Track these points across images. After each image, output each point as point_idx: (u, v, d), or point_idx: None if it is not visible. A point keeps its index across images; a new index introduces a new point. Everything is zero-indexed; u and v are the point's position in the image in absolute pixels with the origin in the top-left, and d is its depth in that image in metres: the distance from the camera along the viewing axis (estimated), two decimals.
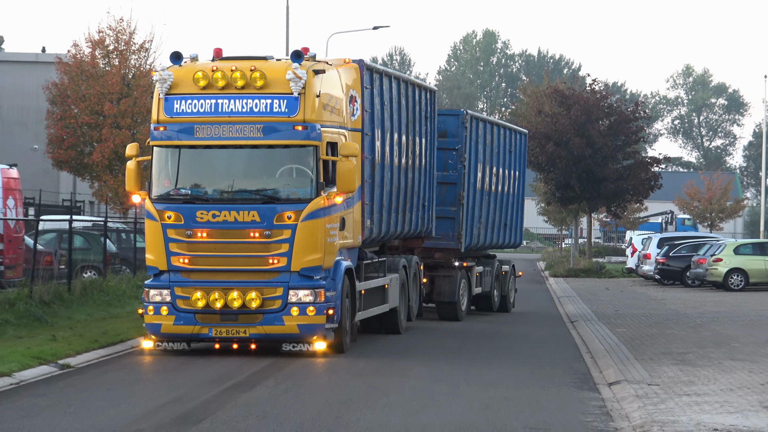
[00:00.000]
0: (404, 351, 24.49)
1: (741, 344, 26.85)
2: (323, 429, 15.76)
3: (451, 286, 31.30)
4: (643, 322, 33.11)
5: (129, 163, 22.21)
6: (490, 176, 34.15)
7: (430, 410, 17.34)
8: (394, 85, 26.94)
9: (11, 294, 28.76)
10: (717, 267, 50.50)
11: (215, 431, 15.43)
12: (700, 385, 19.89)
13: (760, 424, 15.79)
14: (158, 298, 21.78)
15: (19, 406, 17.31)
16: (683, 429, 15.49)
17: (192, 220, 21.59)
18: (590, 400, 18.94)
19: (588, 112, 64.75)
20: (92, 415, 16.52)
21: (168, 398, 17.85)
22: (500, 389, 19.83)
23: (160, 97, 21.91)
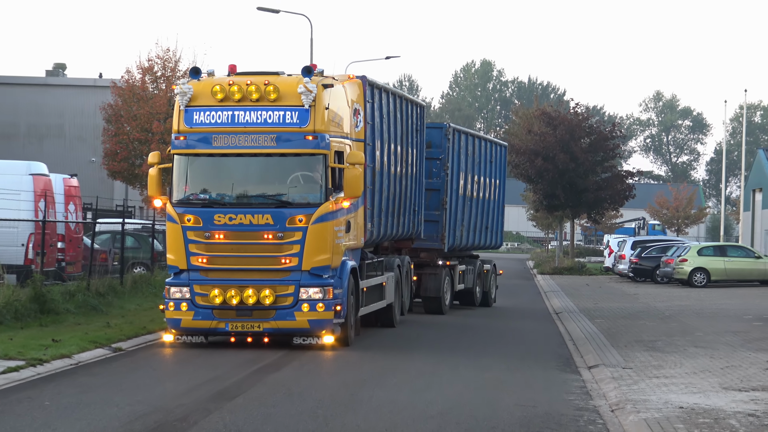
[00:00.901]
0: (404, 341, 24.19)
1: (704, 333, 26.81)
2: (341, 404, 15.79)
3: (436, 283, 30.82)
4: (619, 314, 33.07)
5: (151, 170, 21.63)
6: (472, 183, 33.54)
7: (434, 389, 17.36)
8: (391, 100, 26.42)
9: (72, 287, 28.79)
10: (683, 266, 50.57)
11: (247, 406, 15.44)
12: (668, 368, 19.87)
13: (720, 403, 15.77)
14: (178, 295, 21.12)
15: (77, 384, 17.35)
16: (653, 407, 15.48)
17: (210, 223, 20.96)
18: (572, 382, 18.94)
19: (571, 132, 64.84)
20: (141, 392, 16.53)
21: (206, 378, 17.88)
22: (494, 372, 19.85)
23: (181, 109, 21.26)
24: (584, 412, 15.66)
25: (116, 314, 26.13)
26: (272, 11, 47.89)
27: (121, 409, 15.07)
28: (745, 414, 14.88)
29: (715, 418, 14.54)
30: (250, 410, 15.13)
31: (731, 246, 56.97)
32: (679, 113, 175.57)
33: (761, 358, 21.50)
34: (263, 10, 47.84)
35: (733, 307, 36.16)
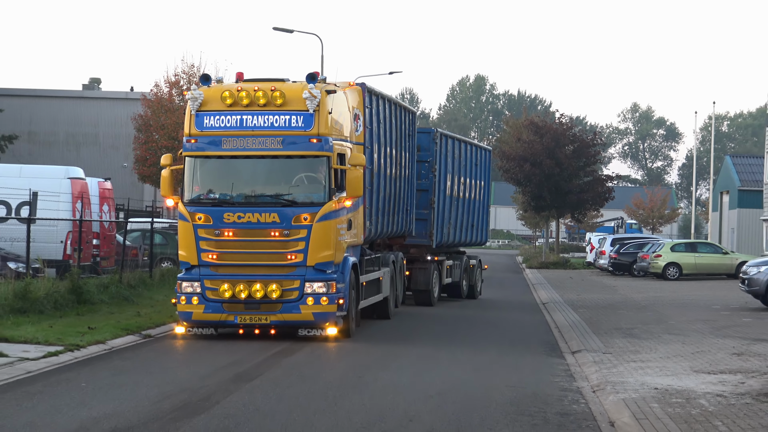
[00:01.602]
0: (402, 331, 23.90)
1: (676, 322, 26.80)
2: (349, 386, 15.79)
3: (426, 276, 30.24)
4: (599, 305, 33.05)
5: (163, 171, 20.90)
6: (458, 184, 33.02)
7: (432, 372, 17.37)
8: (387, 106, 25.76)
9: (105, 279, 28.84)
10: (657, 261, 50.64)
11: (264, 387, 15.45)
12: (644, 353, 19.87)
13: (691, 385, 15.77)
14: (190, 290, 20.44)
15: (111, 367, 17.38)
16: (630, 388, 15.48)
17: (220, 221, 20.30)
18: (558, 365, 18.94)
19: (557, 140, 64.88)
20: (168, 374, 16.55)
21: (226, 362, 17.89)
22: (487, 356, 19.86)
23: (192, 114, 20.59)
24: (568, 392, 15.67)
25: (146, 304, 26.14)
26: (286, 31, 47.87)
27: (151, 389, 15.10)
28: (713, 394, 14.89)
29: (687, 398, 14.54)
30: (267, 391, 15.15)
31: (701, 243, 56.93)
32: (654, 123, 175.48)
33: (728, 344, 21.50)
34: (278, 30, 47.84)
35: (703, 298, 36.16)
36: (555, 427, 12.86)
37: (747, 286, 32.39)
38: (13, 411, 13.17)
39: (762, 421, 12.60)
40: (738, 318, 28.39)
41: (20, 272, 26.59)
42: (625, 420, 13.08)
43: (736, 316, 28.89)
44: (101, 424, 12.38)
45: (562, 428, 12.79)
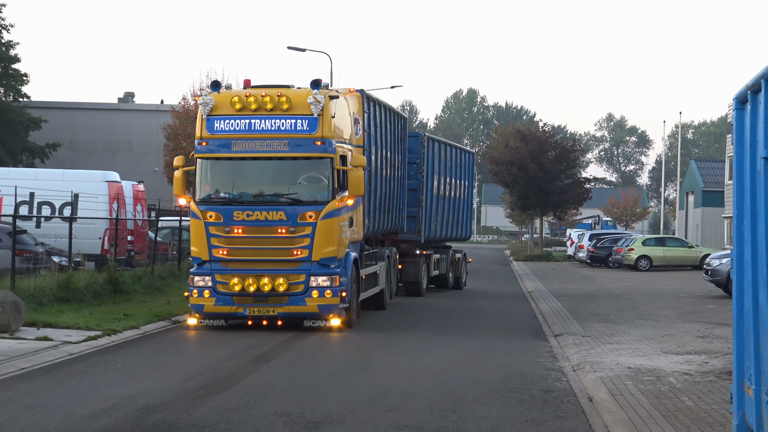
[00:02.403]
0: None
1: (647, 308, 26.80)
2: (355, 366, 15.80)
3: (415, 269, 29.46)
4: (579, 293, 33.06)
5: (176, 172, 20.02)
6: (444, 184, 32.33)
7: (430, 355, 17.36)
8: (383, 112, 25.00)
9: (139, 271, 28.90)
10: (630, 254, 50.66)
11: (281, 367, 15.46)
12: (619, 336, 19.87)
13: (661, 364, 15.77)
14: (201, 284, 19.57)
15: (143, 350, 17.39)
16: (607, 367, 15.48)
17: (230, 219, 19.40)
18: (542, 347, 18.95)
19: (540, 146, 64.96)
20: (195, 356, 16.58)
21: (246, 345, 17.88)
22: (479, 340, 19.85)
23: (203, 118, 19.70)
24: (551, 371, 15.66)
25: (175, 294, 26.10)
26: (299, 50, 47.79)
27: (179, 370, 15.12)
28: (681, 373, 14.90)
29: (657, 376, 14.55)
30: (283, 371, 15.16)
31: (669, 238, 56.98)
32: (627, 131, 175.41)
33: (693, 328, 21.51)
34: (292, 49, 47.80)
35: (671, 287, 36.18)
36: (540, 402, 12.86)
37: (710, 276, 32.43)
38: (57, 388, 13.20)
39: (724, 396, 12.60)
40: (702, 305, 28.41)
41: (63, 265, 26.59)
42: (602, 396, 13.08)
43: (701, 303, 28.91)
44: (135, 401, 12.39)
45: (546, 404, 12.78)
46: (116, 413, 11.59)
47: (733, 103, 9.07)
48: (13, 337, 17.77)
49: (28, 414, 11.49)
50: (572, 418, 11.91)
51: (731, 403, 9.21)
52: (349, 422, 11.32)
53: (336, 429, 10.95)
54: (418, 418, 11.60)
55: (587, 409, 12.48)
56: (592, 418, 11.90)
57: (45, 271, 25.84)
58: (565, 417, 11.95)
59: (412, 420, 11.50)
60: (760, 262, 8.22)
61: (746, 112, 8.74)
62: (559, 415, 12.08)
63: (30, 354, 15.95)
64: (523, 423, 11.49)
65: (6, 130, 52.90)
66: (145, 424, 11.07)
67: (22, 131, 54.05)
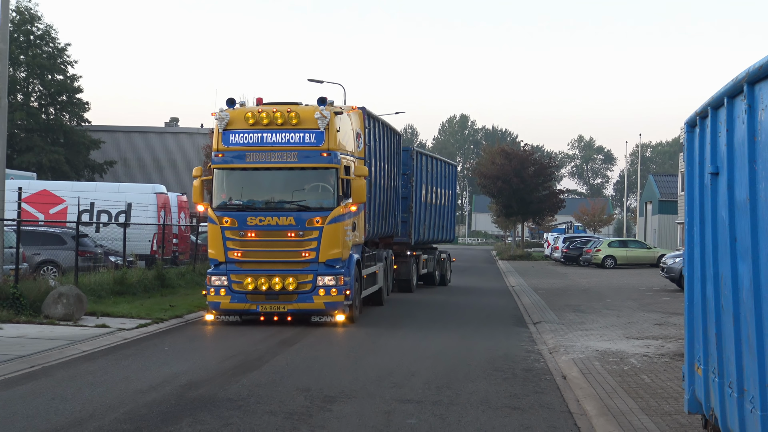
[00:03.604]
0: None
1: (612, 300, 26.78)
2: (366, 349, 15.80)
3: (407, 268, 28.35)
4: (554, 288, 33.04)
5: (195, 181, 18.93)
6: (431, 193, 31.52)
7: (428, 340, 17.35)
8: (382, 128, 23.92)
9: (182, 269, 28.92)
10: (598, 254, 50.60)
11: (303, 350, 15.46)
12: (588, 324, 19.86)
13: (623, 347, 15.76)
14: (218, 283, 18.45)
15: (187, 335, 17.39)
16: (578, 350, 15.47)
17: (244, 224, 18.31)
18: (523, 333, 18.93)
19: (522, 163, 65.02)
20: (229, 341, 16.57)
21: (272, 332, 17.84)
22: (470, 327, 19.84)
23: (219, 132, 18.65)
24: (531, 353, 15.66)
25: None
26: (318, 81, 47.83)
27: (216, 352, 15.14)
28: (641, 355, 14.88)
29: (621, 358, 14.54)
30: (304, 353, 15.17)
31: (631, 240, 56.84)
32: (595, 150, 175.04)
33: (651, 317, 21.49)
34: (312, 81, 47.82)
35: (632, 282, 36.14)
36: (521, 380, 12.86)
37: (666, 273, 32.40)
38: (113, 368, 13.22)
39: (677, 375, 12.59)
40: (659, 297, 28.37)
41: (118, 264, 26.67)
42: (574, 374, 13.08)
43: (658, 296, 28.88)
44: (179, 378, 12.41)
45: (527, 381, 12.78)
46: (163, 389, 11.61)
47: (685, 127, 9.10)
48: (76, 324, 17.83)
49: (90, 389, 11.52)
50: (549, 393, 11.91)
51: (683, 381, 9.21)
52: (360, 396, 11.33)
53: (349, 402, 10.95)
54: (419, 393, 11.61)
55: (561, 385, 12.48)
56: (565, 393, 11.89)
57: (103, 269, 25.93)
58: (542, 392, 11.95)
59: (414, 395, 11.51)
60: (707, 261, 8.24)
61: (695, 134, 8.78)
62: (538, 390, 12.07)
63: (90, 339, 15.99)
64: (507, 397, 11.49)
65: (71, 150, 53.10)
66: (188, 398, 11.08)
67: (84, 151, 54.20)
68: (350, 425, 9.73)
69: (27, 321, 17.77)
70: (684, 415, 9.82)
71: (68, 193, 32.67)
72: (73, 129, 53.90)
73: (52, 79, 53.68)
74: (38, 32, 53.39)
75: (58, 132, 53.00)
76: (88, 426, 9.47)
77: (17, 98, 52.09)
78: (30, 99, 53.75)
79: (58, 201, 32.39)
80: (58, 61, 53.98)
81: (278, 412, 10.27)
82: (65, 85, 54.01)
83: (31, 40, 53.18)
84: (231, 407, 10.52)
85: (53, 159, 51.12)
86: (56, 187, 33.66)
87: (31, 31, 53.14)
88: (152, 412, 10.21)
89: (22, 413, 10.04)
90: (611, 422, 9.81)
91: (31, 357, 13.78)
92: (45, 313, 18.39)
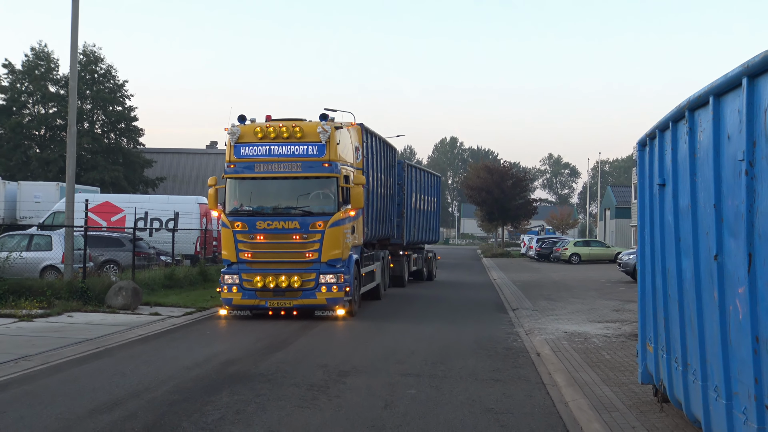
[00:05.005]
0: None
1: (578, 290, 26.72)
2: (372, 332, 15.74)
3: (400, 266, 27.27)
4: (529, 280, 32.97)
5: (210, 189, 17.81)
6: (420, 200, 30.60)
7: (423, 325, 17.30)
8: (379, 142, 22.87)
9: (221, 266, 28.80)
10: (565, 252, 50.48)
11: (320, 334, 15.43)
12: (558, 310, 19.81)
13: (587, 329, 15.71)
14: (230, 281, 17.44)
15: (225, 321, 17.30)
16: (549, 332, 15.43)
17: (253, 228, 17.26)
18: (504, 318, 18.88)
19: (502, 177, 65.02)
20: (261, 325, 16.54)
21: (293, 320, 17.84)
22: (460, 314, 19.78)
23: (231, 145, 17.53)
24: (510, 335, 15.63)
25: None
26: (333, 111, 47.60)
27: (250, 335, 15.11)
28: (602, 335, 14.84)
29: (585, 338, 14.50)
30: (321, 336, 15.15)
31: (593, 240, 56.62)
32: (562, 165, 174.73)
33: (610, 304, 21.43)
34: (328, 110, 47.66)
35: (594, 276, 36.05)
36: (502, 357, 12.83)
37: (622, 267, 32.34)
38: (164, 348, 13.22)
39: (632, 352, 12.57)
40: (616, 287, 28.30)
41: (168, 263, 26.71)
42: (546, 352, 13.05)
43: (615, 286, 28.81)
44: (219, 357, 12.40)
45: (507, 358, 12.75)
46: (206, 365, 11.61)
47: (637, 146, 9.10)
48: (133, 313, 17.85)
49: (144, 366, 11.52)
50: (525, 367, 11.89)
51: (637, 357, 9.19)
52: (369, 371, 11.31)
53: (360, 376, 10.93)
54: (417, 368, 11.59)
55: (536, 361, 12.45)
56: (539, 367, 11.87)
57: (155, 266, 25.96)
58: (520, 367, 11.92)
59: (413, 369, 11.49)
60: (656, 257, 8.23)
61: (646, 152, 8.78)
62: (516, 365, 12.05)
63: (145, 324, 16.00)
64: (491, 371, 11.47)
65: (128, 168, 53.20)
66: (226, 373, 11.08)
67: (139, 169, 54.29)
68: (361, 395, 9.72)
69: (93, 310, 17.81)
70: (638, 385, 9.79)
71: (126, 204, 32.73)
72: (130, 151, 53.99)
73: (112, 110, 53.80)
74: (101, 71, 53.50)
75: (117, 153, 53.09)
76: (144, 397, 9.47)
77: (84, 126, 52.22)
78: (95, 126, 53.85)
79: (118, 211, 32.44)
80: (118, 95, 54.11)
81: (301, 384, 10.26)
82: (123, 114, 54.13)
83: (95, 78, 53.31)
84: (262, 381, 10.51)
85: (114, 176, 51.20)
86: (116, 199, 33.71)
87: (96, 70, 53.28)
88: (197, 385, 10.21)
89: (89, 386, 10.05)
90: (578, 391, 9.79)
91: (97, 339, 13.81)
92: (107, 303, 18.42)
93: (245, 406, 8.98)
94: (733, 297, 5.55)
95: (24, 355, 11.97)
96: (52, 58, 52.96)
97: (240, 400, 9.31)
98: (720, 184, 5.85)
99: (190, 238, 31.81)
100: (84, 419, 8.35)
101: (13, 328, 14.93)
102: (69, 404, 9.02)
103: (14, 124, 50.33)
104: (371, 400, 9.38)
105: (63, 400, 9.22)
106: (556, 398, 9.73)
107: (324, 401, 9.31)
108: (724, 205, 5.78)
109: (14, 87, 51.90)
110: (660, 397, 8.54)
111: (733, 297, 5.58)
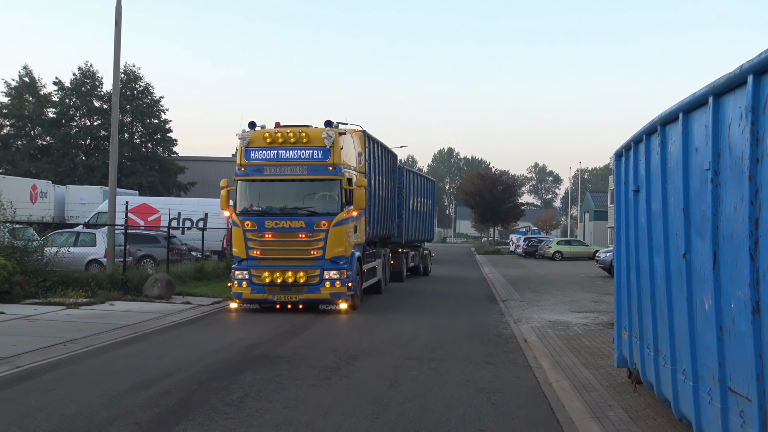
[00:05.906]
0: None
1: (561, 283, 26.65)
2: (376, 323, 15.68)
3: (399, 262, 26.55)
4: (517, 275, 32.89)
5: (222, 191, 17.22)
6: (417, 202, 30.05)
7: (422, 315, 17.24)
8: (380, 148, 22.07)
9: None
10: (549, 250, 50.33)
11: (332, 321, 15.40)
12: (542, 302, 19.75)
13: (569, 319, 15.67)
14: (240, 276, 16.65)
15: (249, 310, 17.20)
16: (535, 321, 15.39)
17: (262, 226, 16.47)
18: (496, 307, 18.84)
19: (493, 183, 64.88)
20: (279, 314, 16.52)
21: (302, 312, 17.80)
22: (455, 305, 19.72)
23: (242, 149, 16.74)
24: (500, 323, 15.59)
25: None
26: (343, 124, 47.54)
27: (271, 322, 15.09)
28: (582, 324, 14.80)
29: (567, 326, 14.46)
30: (333, 324, 15.13)
31: (574, 240, 56.47)
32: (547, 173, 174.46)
33: (589, 296, 21.37)
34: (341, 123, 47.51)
35: (575, 271, 35.97)
36: (494, 342, 12.81)
37: (600, 264, 32.25)
38: (194, 333, 13.23)
39: (608, 339, 12.53)
40: (594, 282, 28.23)
41: (198, 257, 26.72)
42: (532, 339, 13.02)
43: (594, 281, 28.73)
44: (243, 341, 12.41)
45: (498, 343, 12.73)
46: (231, 349, 11.62)
47: (614, 156, 9.09)
48: (167, 302, 17.86)
49: (177, 350, 11.53)
50: (514, 352, 11.87)
51: (613, 343, 9.17)
52: (376, 354, 11.30)
53: (368, 359, 10.93)
54: (419, 352, 11.58)
55: (523, 346, 12.42)
56: (526, 352, 11.84)
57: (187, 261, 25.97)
58: (510, 351, 11.90)
59: (415, 353, 11.48)
60: (631, 255, 8.22)
61: (622, 162, 8.77)
62: (506, 350, 12.03)
63: (178, 312, 16.01)
64: (484, 355, 11.45)
65: (163, 174, 53.35)
66: (250, 355, 11.08)
67: (173, 174, 54.40)
68: (368, 375, 9.71)
69: (132, 299, 17.84)
70: (614, 369, 9.77)
71: (161, 205, 32.76)
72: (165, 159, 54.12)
73: (149, 123, 53.99)
74: (140, 88, 53.68)
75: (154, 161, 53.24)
76: (177, 376, 9.48)
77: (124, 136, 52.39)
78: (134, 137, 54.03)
79: (154, 211, 32.49)
80: (155, 109, 54.29)
81: (315, 366, 10.26)
82: (159, 126, 54.32)
83: (134, 94, 53.49)
84: (281, 362, 10.51)
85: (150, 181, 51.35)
86: (153, 201, 33.75)
87: (135, 87, 53.43)
88: (224, 366, 10.22)
89: (128, 367, 10.07)
90: (560, 373, 9.77)
91: (135, 325, 13.84)
92: (145, 293, 18.45)
93: (266, 385, 8.98)
94: (700, 291, 5.54)
95: (71, 339, 12.00)
96: (97, 77, 53.19)
97: (261, 380, 9.31)
98: (688, 191, 5.84)
99: (218, 235, 31.82)
100: (124, 395, 8.37)
101: (61, 314, 14.98)
102: (111, 382, 9.04)
103: (63, 135, 50.59)
104: (377, 380, 9.37)
105: (105, 378, 9.25)
106: (541, 379, 9.71)
107: (336, 381, 9.30)
108: (692, 210, 5.77)
109: (63, 102, 52.16)
110: (633, 379, 8.52)
111: (699, 291, 5.56)
